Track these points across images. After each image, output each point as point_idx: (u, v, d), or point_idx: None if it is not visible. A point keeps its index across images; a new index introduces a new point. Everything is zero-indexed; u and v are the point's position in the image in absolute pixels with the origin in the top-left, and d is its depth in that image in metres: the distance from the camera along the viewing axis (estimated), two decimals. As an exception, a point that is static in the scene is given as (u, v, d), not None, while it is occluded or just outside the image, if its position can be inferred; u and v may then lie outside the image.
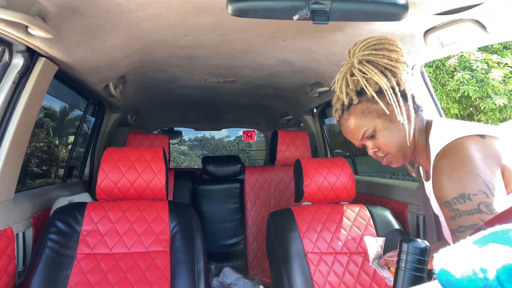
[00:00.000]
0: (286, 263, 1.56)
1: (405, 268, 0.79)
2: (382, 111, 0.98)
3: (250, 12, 0.99)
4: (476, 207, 0.78)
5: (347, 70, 1.02)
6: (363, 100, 0.99)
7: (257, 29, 1.48)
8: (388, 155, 1.01)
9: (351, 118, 1.02)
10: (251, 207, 2.77)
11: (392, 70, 0.97)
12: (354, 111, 1.01)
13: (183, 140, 8.91)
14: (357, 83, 1.00)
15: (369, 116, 0.99)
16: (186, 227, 1.53)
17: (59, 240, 1.42)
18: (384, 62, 0.96)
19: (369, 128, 0.99)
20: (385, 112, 0.97)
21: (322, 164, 1.81)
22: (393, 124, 0.98)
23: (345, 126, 1.04)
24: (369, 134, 1.00)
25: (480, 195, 0.78)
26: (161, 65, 2.00)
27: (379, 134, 0.99)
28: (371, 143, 1.02)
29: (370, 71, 0.96)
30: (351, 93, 1.01)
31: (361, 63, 0.98)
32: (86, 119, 2.43)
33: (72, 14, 1.20)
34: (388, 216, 1.73)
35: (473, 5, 1.09)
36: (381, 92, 0.97)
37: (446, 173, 0.84)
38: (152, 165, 1.58)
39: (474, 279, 0.27)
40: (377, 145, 1.01)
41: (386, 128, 0.98)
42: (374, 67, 0.97)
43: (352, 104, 1.01)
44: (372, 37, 1.00)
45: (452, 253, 0.31)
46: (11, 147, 1.32)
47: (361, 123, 1.00)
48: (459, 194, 0.80)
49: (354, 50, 1.02)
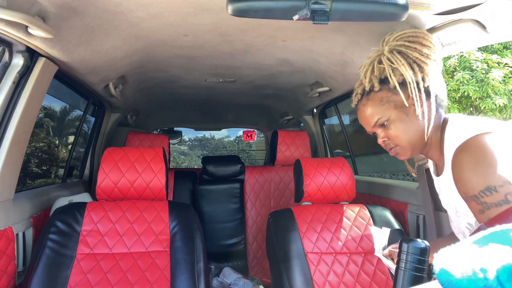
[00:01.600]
0: (286, 263, 1.56)
1: (405, 268, 0.79)
2: (400, 103, 0.98)
3: (250, 12, 0.99)
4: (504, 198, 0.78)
5: (376, 57, 1.03)
6: (384, 89, 1.00)
7: (257, 29, 1.47)
8: (397, 146, 1.02)
9: (368, 104, 1.03)
10: (251, 207, 2.77)
11: (420, 65, 0.97)
12: (372, 98, 1.02)
13: (183, 140, 8.90)
14: (382, 71, 1.01)
15: (386, 105, 1.00)
16: (186, 227, 1.53)
17: (59, 240, 1.42)
18: (414, 56, 0.97)
19: (383, 117, 1.00)
20: (403, 104, 0.98)
21: (322, 164, 1.81)
22: (408, 118, 0.98)
23: (361, 111, 1.05)
24: (381, 123, 1.01)
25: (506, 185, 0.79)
26: (161, 65, 2.00)
27: (392, 125, 1.00)
28: (382, 132, 1.03)
29: (398, 62, 0.97)
30: (374, 80, 1.01)
31: (391, 52, 0.99)
32: (86, 119, 2.43)
33: (72, 14, 1.20)
34: (388, 216, 1.73)
35: (473, 5, 1.09)
36: (404, 85, 0.97)
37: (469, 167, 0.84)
38: (152, 165, 1.58)
39: (474, 279, 0.27)
40: (388, 135, 1.01)
41: (401, 120, 0.99)
42: (403, 59, 0.97)
43: (373, 90, 1.02)
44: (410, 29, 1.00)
45: (452, 253, 0.31)
46: (11, 147, 1.32)
47: (377, 110, 1.01)
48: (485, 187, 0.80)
49: (388, 39, 1.02)
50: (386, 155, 1.08)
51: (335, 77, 2.04)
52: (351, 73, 1.89)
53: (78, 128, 2.41)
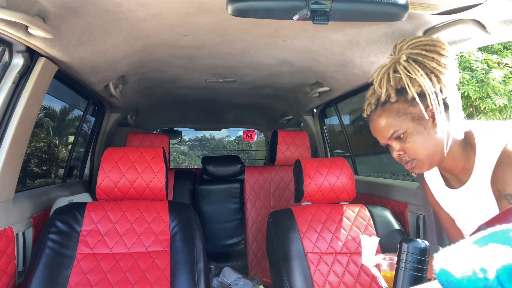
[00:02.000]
0: (286, 263, 1.56)
1: (405, 268, 0.79)
2: (418, 115, 0.94)
3: (250, 12, 0.99)
4: None
5: (391, 65, 0.98)
6: (401, 100, 0.95)
7: (257, 29, 1.47)
8: (414, 160, 0.98)
9: (383, 116, 0.98)
10: (251, 207, 2.77)
11: (438, 76, 0.93)
12: (388, 109, 0.97)
13: (183, 140, 8.90)
14: (398, 81, 0.96)
15: (403, 118, 0.95)
16: (186, 227, 1.53)
17: (59, 240, 1.42)
18: (431, 66, 0.92)
19: (400, 130, 0.96)
20: (420, 116, 0.93)
21: (322, 164, 1.81)
22: (426, 131, 0.94)
23: (375, 122, 1.01)
24: (398, 135, 0.97)
25: None
26: (161, 65, 2.00)
27: (409, 138, 0.95)
28: (398, 145, 0.98)
29: (416, 71, 0.92)
30: (390, 90, 0.96)
31: (407, 61, 0.94)
32: (86, 119, 2.43)
33: (72, 14, 1.20)
34: (388, 216, 1.73)
35: (473, 5, 1.09)
36: (422, 96, 0.92)
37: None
38: (152, 165, 1.58)
39: (474, 279, 0.27)
40: (405, 149, 0.97)
41: (419, 133, 0.95)
42: (421, 68, 0.93)
43: (389, 101, 0.97)
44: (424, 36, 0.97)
45: (452, 253, 0.31)
46: (11, 147, 1.32)
47: (393, 122, 0.96)
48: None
49: (401, 46, 0.97)
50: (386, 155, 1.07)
51: (335, 77, 2.04)
52: (351, 73, 1.89)
53: (78, 128, 2.41)
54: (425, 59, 0.93)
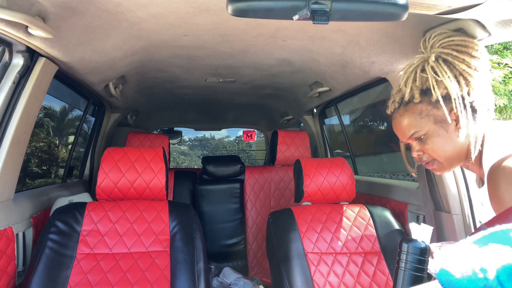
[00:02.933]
0: (286, 263, 1.56)
1: (405, 268, 0.79)
2: (441, 117, 0.92)
3: (250, 12, 0.99)
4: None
5: (419, 63, 0.96)
6: (425, 101, 0.94)
7: (257, 29, 1.48)
8: (434, 161, 0.97)
9: (406, 115, 0.97)
10: (251, 207, 2.77)
11: (467, 79, 0.90)
12: (411, 109, 0.96)
13: (183, 140, 8.90)
14: (425, 82, 0.94)
15: (425, 119, 0.94)
16: (186, 227, 1.53)
17: (59, 240, 1.42)
18: (461, 68, 0.90)
19: (421, 131, 0.94)
20: (443, 119, 0.91)
21: (322, 164, 1.81)
22: (447, 134, 0.93)
23: (397, 121, 1.00)
24: (418, 136, 0.96)
25: None
26: (161, 65, 2.00)
27: (429, 140, 0.94)
28: (418, 146, 0.97)
29: (443, 73, 0.90)
30: (415, 90, 0.95)
31: (436, 61, 0.92)
32: (86, 119, 2.43)
33: (72, 14, 1.20)
34: (388, 216, 1.73)
35: (473, 5, 1.09)
36: (447, 98, 0.90)
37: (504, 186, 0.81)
38: (152, 165, 1.58)
39: (474, 279, 0.27)
40: (425, 150, 0.96)
41: (440, 135, 0.93)
42: (450, 70, 0.90)
43: (412, 101, 0.95)
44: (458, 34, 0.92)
45: (452, 253, 0.31)
46: (11, 147, 1.32)
47: (414, 123, 0.95)
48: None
49: (433, 42, 0.95)
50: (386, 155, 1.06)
51: (335, 77, 2.04)
52: (351, 73, 1.89)
53: (78, 128, 2.41)
54: (456, 60, 0.90)
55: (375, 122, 3.27)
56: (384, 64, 1.64)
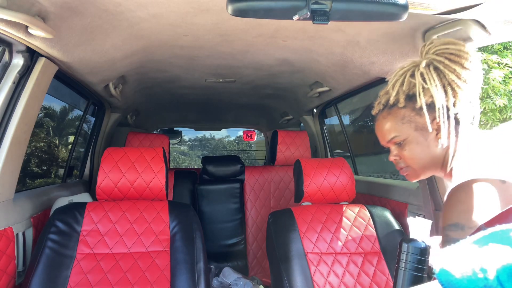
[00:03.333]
0: (286, 263, 1.56)
1: (405, 268, 0.79)
2: (422, 125, 0.91)
3: (250, 12, 0.99)
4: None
5: (410, 68, 0.95)
6: (409, 106, 0.93)
7: (257, 29, 1.48)
8: (408, 167, 0.97)
9: (388, 118, 0.97)
10: (251, 207, 2.77)
11: (455, 89, 0.88)
12: (394, 113, 0.95)
13: (183, 140, 8.90)
14: (412, 87, 0.93)
15: (407, 125, 0.93)
16: (186, 227, 1.53)
17: (59, 240, 1.42)
18: (450, 78, 0.88)
19: (401, 136, 0.94)
20: (424, 127, 0.91)
21: (322, 164, 1.81)
22: (427, 142, 0.92)
23: (380, 123, 1.00)
24: (397, 141, 0.96)
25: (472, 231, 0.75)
26: (161, 65, 2.00)
27: (407, 146, 0.94)
28: (396, 150, 0.97)
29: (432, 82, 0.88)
30: (400, 94, 0.94)
31: (427, 68, 0.90)
32: (86, 119, 2.43)
33: (72, 14, 1.20)
34: (388, 217, 1.73)
35: (473, 5, 1.09)
36: (431, 107, 0.89)
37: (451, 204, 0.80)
38: (152, 165, 1.58)
39: (474, 279, 0.27)
40: (402, 156, 0.96)
41: (418, 143, 0.93)
42: (439, 79, 0.89)
43: (397, 105, 0.95)
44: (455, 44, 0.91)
45: (452, 253, 0.31)
46: (11, 147, 1.32)
47: (396, 127, 0.95)
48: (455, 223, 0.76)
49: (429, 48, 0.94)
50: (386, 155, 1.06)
51: (335, 77, 2.04)
52: (351, 73, 1.89)
53: (78, 128, 2.41)
54: (446, 69, 0.89)
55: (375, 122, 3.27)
56: (384, 64, 1.64)
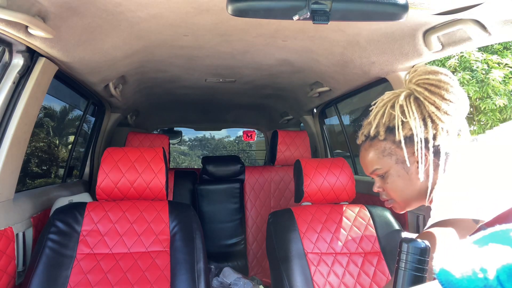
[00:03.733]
0: (286, 263, 1.56)
1: (405, 268, 0.79)
2: (403, 158, 0.90)
3: (250, 12, 0.99)
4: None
5: (391, 99, 0.93)
6: (389, 139, 0.92)
7: (257, 29, 1.48)
8: (391, 200, 0.96)
9: (370, 150, 0.95)
10: (251, 207, 2.77)
11: (435, 121, 0.87)
12: (375, 145, 0.94)
13: (183, 140, 8.90)
14: (392, 119, 0.92)
15: (388, 158, 0.92)
16: (186, 227, 1.53)
17: (59, 240, 1.42)
18: (430, 110, 0.87)
19: (382, 169, 0.93)
20: (405, 160, 0.89)
21: (322, 164, 1.81)
22: (408, 176, 0.91)
23: (362, 154, 0.99)
24: (378, 174, 0.95)
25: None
26: (161, 65, 2.00)
27: (389, 179, 0.93)
28: (379, 182, 0.96)
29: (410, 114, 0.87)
30: (381, 126, 0.93)
31: (407, 100, 0.89)
32: (86, 119, 2.43)
33: (72, 14, 1.20)
34: (388, 217, 1.73)
35: (473, 5, 1.09)
36: (411, 139, 0.88)
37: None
38: (152, 165, 1.58)
39: (474, 279, 0.27)
40: (384, 188, 0.95)
41: (399, 176, 0.91)
42: (418, 110, 0.88)
43: (377, 137, 0.94)
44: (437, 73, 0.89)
45: (452, 253, 0.31)
46: (11, 147, 1.32)
47: (377, 160, 0.94)
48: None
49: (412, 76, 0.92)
50: None
51: (335, 77, 2.04)
52: (351, 73, 1.89)
53: (78, 128, 2.41)
54: (426, 101, 0.87)
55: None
56: (384, 64, 1.64)
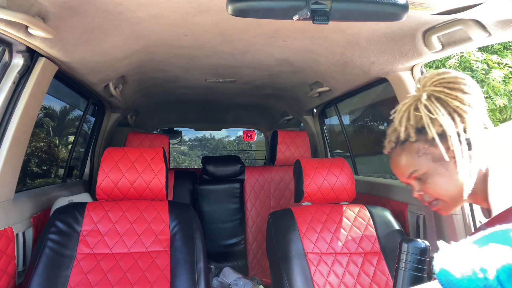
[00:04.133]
0: (286, 263, 1.56)
1: (405, 268, 0.79)
2: (439, 155, 0.90)
3: (250, 12, 0.99)
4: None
5: (412, 103, 0.94)
6: (421, 140, 0.92)
7: (257, 29, 1.48)
8: (438, 200, 0.95)
9: (403, 155, 0.95)
10: (251, 207, 2.77)
11: (461, 115, 0.88)
12: (408, 148, 0.94)
13: (183, 140, 8.91)
14: (419, 120, 0.92)
15: (423, 158, 0.92)
16: (186, 227, 1.53)
17: (59, 240, 1.42)
18: (455, 105, 0.88)
19: (420, 170, 0.93)
20: (442, 157, 0.90)
21: (322, 164, 1.81)
22: (448, 172, 0.90)
23: (395, 161, 0.98)
24: (417, 176, 0.94)
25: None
26: (161, 65, 2.00)
27: (429, 179, 0.92)
28: (418, 186, 0.95)
29: (437, 111, 0.88)
30: (410, 129, 0.93)
31: (429, 99, 0.90)
32: (86, 119, 2.43)
33: (72, 14, 1.20)
34: (388, 216, 1.73)
35: (473, 5, 1.09)
36: (443, 136, 0.89)
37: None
38: (152, 165, 1.58)
39: (474, 279, 0.27)
40: (426, 190, 0.94)
41: (440, 174, 0.91)
42: (443, 107, 0.89)
43: (408, 140, 0.94)
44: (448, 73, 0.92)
45: (452, 253, 0.31)
46: (11, 147, 1.32)
47: (413, 162, 0.93)
48: None
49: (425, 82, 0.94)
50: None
51: (335, 77, 2.04)
52: (351, 73, 1.89)
53: (78, 128, 2.41)
54: (448, 98, 0.89)
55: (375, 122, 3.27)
56: (384, 64, 1.64)
